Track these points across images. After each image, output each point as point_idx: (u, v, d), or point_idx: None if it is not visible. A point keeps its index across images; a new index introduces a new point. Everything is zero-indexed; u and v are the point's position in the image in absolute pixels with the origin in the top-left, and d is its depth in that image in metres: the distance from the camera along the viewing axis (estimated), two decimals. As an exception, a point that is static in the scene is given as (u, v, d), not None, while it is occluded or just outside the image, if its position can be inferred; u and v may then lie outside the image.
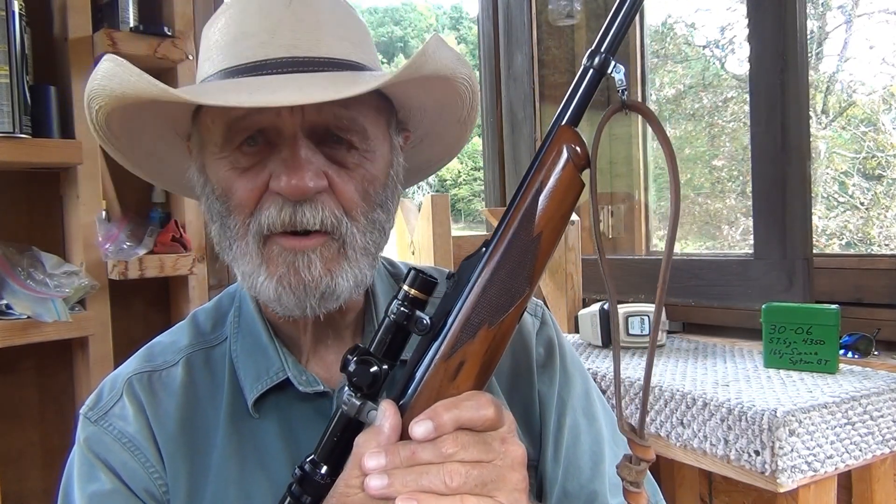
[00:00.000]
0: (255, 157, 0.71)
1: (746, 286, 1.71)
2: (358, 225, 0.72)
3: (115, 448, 0.77)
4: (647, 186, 2.33)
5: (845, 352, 1.47)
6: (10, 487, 1.66)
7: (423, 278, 0.63)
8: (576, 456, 0.83)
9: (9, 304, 1.55)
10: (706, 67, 3.92)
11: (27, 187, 1.72)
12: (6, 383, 1.70)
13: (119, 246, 1.68)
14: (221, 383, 0.80)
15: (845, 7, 3.58)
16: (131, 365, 0.83)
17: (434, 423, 0.58)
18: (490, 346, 0.62)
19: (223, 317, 0.86)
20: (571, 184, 0.62)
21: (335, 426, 0.64)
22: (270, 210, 0.69)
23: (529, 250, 0.61)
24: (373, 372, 0.62)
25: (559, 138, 0.62)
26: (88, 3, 1.66)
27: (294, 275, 0.70)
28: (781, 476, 1.12)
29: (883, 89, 3.61)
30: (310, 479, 0.64)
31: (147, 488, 0.76)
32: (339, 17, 0.74)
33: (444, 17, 18.23)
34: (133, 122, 0.74)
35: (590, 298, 1.93)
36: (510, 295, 0.62)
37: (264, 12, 0.72)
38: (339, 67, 0.71)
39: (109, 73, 0.67)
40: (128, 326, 1.81)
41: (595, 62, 0.63)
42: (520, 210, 0.62)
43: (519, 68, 2.40)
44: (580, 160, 0.62)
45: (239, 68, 0.70)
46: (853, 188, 3.82)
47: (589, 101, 0.64)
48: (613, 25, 0.63)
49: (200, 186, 0.76)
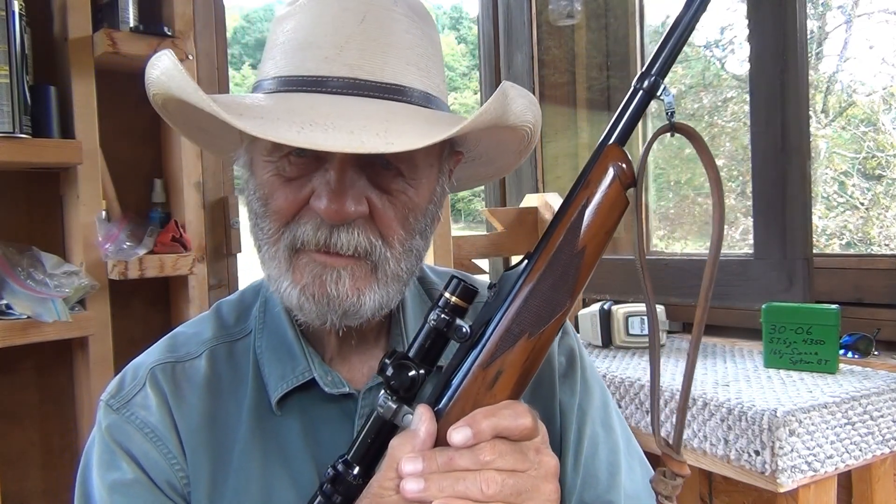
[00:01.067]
0: (301, 169, 0.70)
1: (746, 286, 1.71)
2: (393, 252, 0.72)
3: (137, 438, 0.77)
4: (647, 186, 2.33)
5: (845, 352, 1.47)
6: (10, 487, 1.66)
7: (464, 286, 0.63)
8: (594, 466, 0.83)
9: (9, 304, 1.55)
10: (706, 67, 3.92)
11: (27, 187, 1.72)
12: (6, 383, 1.70)
13: (119, 246, 1.68)
14: (245, 378, 0.80)
15: (845, 7, 3.58)
16: (154, 354, 0.83)
17: (473, 431, 0.59)
18: (529, 357, 0.62)
19: (247, 310, 0.86)
20: (617, 201, 0.64)
21: (369, 428, 0.65)
22: (307, 227, 0.69)
23: (573, 264, 0.63)
24: (411, 376, 0.62)
25: (607, 157, 0.64)
26: (88, 3, 1.66)
27: (319, 287, 0.70)
28: (781, 476, 1.12)
29: (883, 89, 3.61)
30: (342, 480, 0.65)
31: (168, 479, 0.76)
32: (410, 41, 0.72)
33: (444, 17, 18.23)
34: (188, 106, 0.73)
35: (590, 298, 1.93)
36: (551, 307, 0.63)
37: (336, 25, 0.70)
38: (402, 95, 0.70)
39: (170, 73, 0.67)
40: (128, 326, 1.81)
41: (645, 84, 0.64)
42: (565, 225, 0.63)
43: (519, 68, 2.40)
44: (626, 178, 0.64)
45: (299, 80, 0.69)
46: (853, 188, 3.82)
47: (637, 121, 0.65)
48: (665, 48, 0.64)
49: (244, 180, 0.77)
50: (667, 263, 1.90)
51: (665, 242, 3.18)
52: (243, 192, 0.79)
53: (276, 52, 0.73)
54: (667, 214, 3.11)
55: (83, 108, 1.64)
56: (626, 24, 2.35)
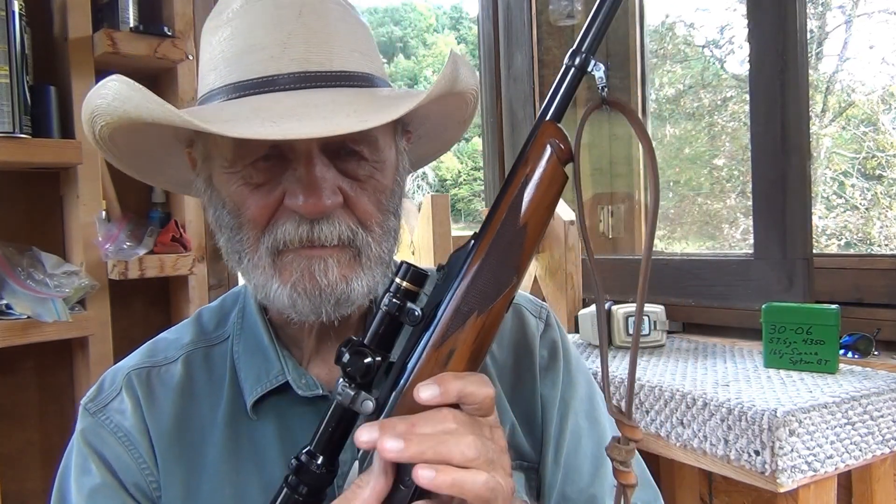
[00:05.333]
0: (268, 174, 0.70)
1: (746, 286, 1.71)
2: (374, 235, 0.73)
3: (110, 441, 0.78)
4: (647, 186, 2.33)
5: (845, 352, 1.47)
6: (10, 487, 1.66)
7: (414, 270, 0.64)
8: (576, 460, 0.84)
9: (9, 304, 1.55)
10: (706, 67, 3.91)
11: (27, 187, 1.72)
12: (6, 383, 1.70)
13: (119, 246, 1.68)
14: (221, 382, 0.81)
15: (845, 7, 3.58)
16: (133, 359, 0.84)
17: (440, 389, 0.59)
18: (479, 334, 0.63)
19: (226, 316, 0.86)
20: (555, 176, 0.64)
21: (330, 417, 0.65)
22: (286, 226, 0.70)
23: (516, 241, 0.63)
24: (366, 363, 0.62)
25: (543, 133, 0.65)
26: (88, 3, 1.66)
27: (310, 279, 0.70)
28: (781, 476, 1.12)
29: (882, 89, 3.60)
30: (306, 470, 0.65)
31: (137, 483, 0.77)
32: (348, 27, 0.74)
33: (444, 17, 18.23)
34: (137, 133, 0.73)
35: (590, 298, 1.93)
36: (498, 284, 0.63)
37: (274, 23, 0.70)
38: (351, 80, 0.71)
39: (124, 96, 0.65)
40: (128, 326, 1.81)
41: (576, 61, 0.64)
42: (507, 202, 0.64)
43: (519, 68, 2.40)
44: (563, 154, 0.64)
45: (249, 83, 0.69)
46: (853, 188, 3.82)
47: (571, 97, 0.66)
48: (594, 25, 0.64)
49: (207, 197, 0.76)
50: (666, 263, 1.90)
51: (665, 242, 3.18)
52: (204, 209, 0.79)
53: (217, 62, 0.72)
54: (666, 214, 3.11)
55: (83, 108, 1.64)
56: (626, 24, 2.35)
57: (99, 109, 0.68)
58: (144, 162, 0.82)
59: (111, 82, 0.66)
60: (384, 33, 17.83)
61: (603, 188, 2.38)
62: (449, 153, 15.62)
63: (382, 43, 17.76)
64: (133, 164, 0.82)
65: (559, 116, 0.65)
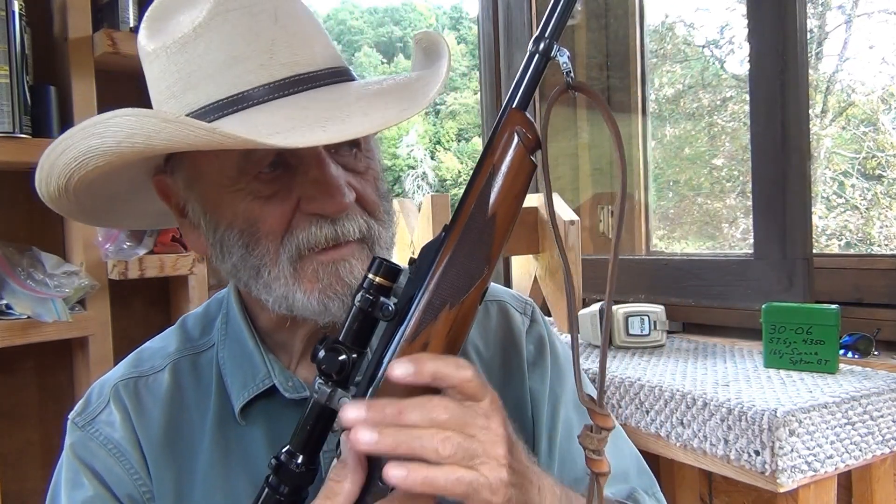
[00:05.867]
0: (276, 184, 0.70)
1: (746, 286, 1.71)
2: (382, 223, 0.75)
3: (100, 454, 0.78)
4: (646, 186, 2.33)
5: (845, 352, 1.47)
6: (10, 487, 1.66)
7: (386, 265, 0.64)
8: (570, 451, 0.84)
9: (9, 304, 1.55)
10: (705, 67, 3.92)
11: (27, 187, 1.71)
12: (6, 383, 1.70)
13: (119, 246, 1.68)
14: (209, 389, 0.80)
15: (845, 7, 3.58)
16: (119, 371, 0.84)
17: (414, 368, 0.58)
18: (453, 327, 0.63)
19: (211, 322, 0.86)
20: (522, 165, 0.64)
21: (308, 415, 0.65)
22: (309, 230, 0.70)
23: (485, 231, 0.63)
24: (341, 360, 0.62)
25: (509, 122, 0.65)
26: (88, 3, 1.66)
27: (339, 283, 0.71)
28: (781, 476, 1.12)
29: (882, 89, 3.60)
30: (286, 469, 0.64)
31: (130, 494, 0.76)
32: (315, 23, 0.74)
33: (444, 17, 18.24)
34: (103, 174, 0.68)
35: (590, 298, 1.93)
36: (469, 276, 0.63)
37: (254, 32, 0.68)
38: (337, 76, 0.72)
39: (149, 129, 0.59)
40: (128, 326, 1.81)
41: (540, 47, 0.65)
42: (475, 193, 0.63)
43: (519, 68, 2.40)
44: (530, 142, 0.64)
45: (242, 96, 0.68)
46: (853, 188, 3.82)
47: (536, 84, 0.66)
48: (556, 11, 0.65)
49: (205, 221, 0.74)
50: (666, 263, 1.90)
51: (665, 242, 3.18)
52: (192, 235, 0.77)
53: (195, 79, 0.69)
54: (667, 214, 3.11)
55: (83, 108, 1.64)
56: (626, 24, 2.35)
57: (97, 150, 0.62)
58: (108, 205, 0.80)
59: (125, 118, 0.60)
60: (384, 33, 17.83)
61: (603, 188, 2.37)
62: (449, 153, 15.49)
63: (383, 43, 17.76)
64: (97, 211, 0.80)
65: (525, 104, 0.66)
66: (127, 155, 0.62)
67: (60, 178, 0.68)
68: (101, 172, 0.66)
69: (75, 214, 0.79)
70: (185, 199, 0.76)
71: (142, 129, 0.59)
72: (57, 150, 0.66)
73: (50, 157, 0.67)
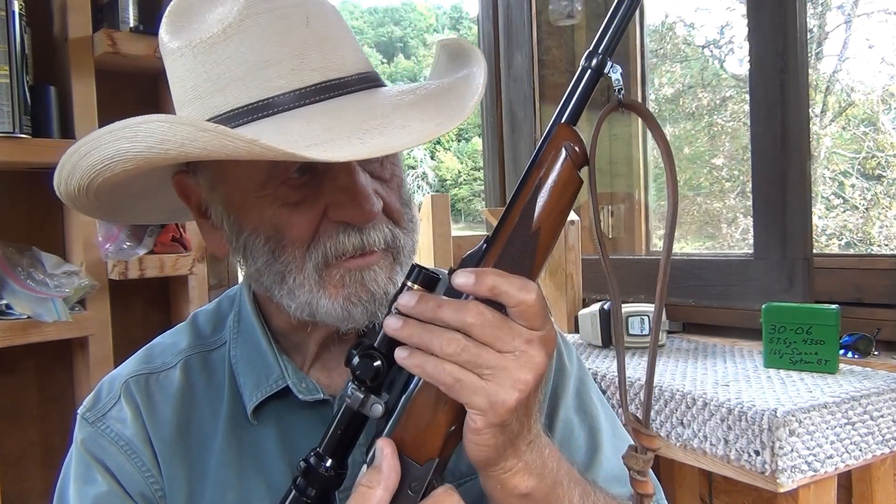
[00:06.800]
0: (304, 190, 0.69)
1: (746, 286, 1.71)
2: (406, 231, 0.74)
3: (111, 450, 0.77)
4: (647, 186, 2.33)
5: (845, 352, 1.47)
6: (10, 487, 1.66)
7: (425, 273, 0.63)
8: (569, 451, 0.84)
9: (9, 304, 1.55)
10: (705, 67, 3.91)
11: (27, 187, 1.72)
12: (6, 383, 1.70)
13: (119, 246, 1.68)
14: (221, 388, 0.80)
15: (845, 7, 3.58)
16: (130, 366, 0.83)
17: (475, 278, 0.59)
18: None
19: (223, 320, 0.85)
20: (569, 181, 0.63)
21: (340, 419, 0.64)
22: (337, 238, 0.69)
23: (529, 245, 0.62)
24: (376, 366, 0.62)
25: (558, 137, 0.63)
26: (88, 3, 1.66)
27: (363, 290, 0.71)
28: (781, 476, 1.12)
29: (882, 89, 3.60)
30: (315, 472, 0.64)
31: (142, 492, 0.76)
32: (344, 26, 0.73)
33: (444, 17, 18.24)
34: (128, 176, 0.67)
35: (590, 298, 1.93)
36: None
37: (285, 35, 0.67)
38: (367, 82, 0.71)
39: (182, 138, 0.58)
40: (128, 326, 1.81)
41: (593, 63, 0.64)
42: (519, 206, 0.62)
43: (519, 68, 2.40)
44: (578, 158, 0.63)
45: (272, 101, 0.67)
46: (853, 188, 3.82)
47: (587, 100, 0.64)
48: (611, 27, 0.64)
49: (229, 223, 0.73)
50: (667, 263, 1.90)
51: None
52: (213, 236, 0.76)
53: (223, 81, 0.68)
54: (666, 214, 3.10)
55: (83, 108, 1.64)
56: (625, 24, 2.35)
57: (125, 154, 0.61)
58: (126, 202, 0.80)
59: (157, 123, 0.59)
60: (384, 33, 17.84)
61: (603, 188, 2.38)
62: (449, 153, 15.52)
63: (383, 43, 17.76)
64: (114, 209, 0.80)
65: (574, 119, 0.64)
66: (157, 160, 0.61)
67: (83, 179, 0.68)
68: (127, 175, 0.65)
69: (91, 212, 0.79)
70: (208, 200, 0.75)
71: (175, 137, 0.58)
72: (81, 150, 0.66)
73: (73, 157, 0.67)
